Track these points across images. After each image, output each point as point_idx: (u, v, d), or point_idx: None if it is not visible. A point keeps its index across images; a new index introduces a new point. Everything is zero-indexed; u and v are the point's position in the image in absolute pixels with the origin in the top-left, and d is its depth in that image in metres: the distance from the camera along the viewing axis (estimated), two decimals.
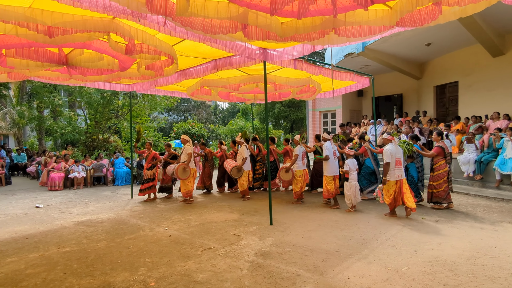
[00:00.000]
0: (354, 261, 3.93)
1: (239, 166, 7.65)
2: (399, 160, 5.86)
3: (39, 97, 15.30)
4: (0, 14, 3.28)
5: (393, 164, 5.80)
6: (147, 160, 8.10)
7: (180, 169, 7.21)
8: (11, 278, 3.59)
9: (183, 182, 7.50)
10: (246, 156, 7.73)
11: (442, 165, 6.41)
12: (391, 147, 5.88)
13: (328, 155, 6.64)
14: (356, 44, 11.70)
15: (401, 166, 5.89)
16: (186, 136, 7.83)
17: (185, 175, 7.33)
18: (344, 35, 3.85)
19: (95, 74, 5.66)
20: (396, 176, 5.81)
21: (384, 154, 5.84)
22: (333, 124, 16.90)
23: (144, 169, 8.07)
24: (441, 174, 6.38)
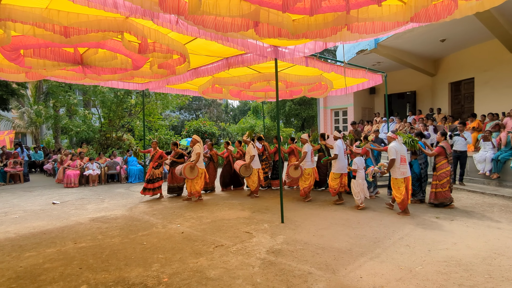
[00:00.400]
0: (367, 260, 3.90)
1: (247, 164, 7.68)
2: (404, 158, 5.98)
3: (55, 96, 15.70)
4: (18, 15, 3.37)
5: (398, 162, 5.92)
6: (153, 159, 8.07)
7: (187, 168, 7.19)
8: (30, 272, 3.70)
9: (191, 182, 7.50)
10: (253, 154, 7.75)
11: (444, 165, 6.48)
12: (395, 144, 6.02)
13: (338, 153, 6.74)
14: (368, 41, 11.55)
15: (406, 164, 6.00)
16: (197, 137, 7.82)
17: (192, 174, 7.30)
18: (356, 31, 3.81)
19: (109, 73, 5.77)
20: (401, 173, 5.94)
21: (389, 151, 5.97)
22: (345, 122, 16.73)
23: (150, 168, 8.04)
24: (444, 174, 6.45)
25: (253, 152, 7.75)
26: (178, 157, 8.31)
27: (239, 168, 7.66)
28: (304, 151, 7.23)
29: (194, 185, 7.51)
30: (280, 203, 5.66)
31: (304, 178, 7.30)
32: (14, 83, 13.76)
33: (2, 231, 5.43)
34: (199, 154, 7.40)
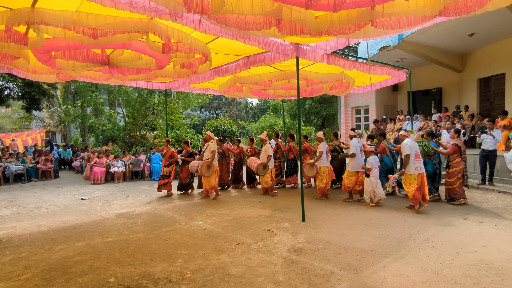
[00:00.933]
0: (391, 261, 3.81)
1: (264, 163, 7.69)
2: (418, 154, 6.06)
3: (82, 96, 16.33)
4: (50, 18, 3.53)
5: (412, 158, 5.98)
6: (165, 158, 8.20)
7: (204, 166, 7.27)
8: (61, 264, 3.88)
9: (206, 179, 7.56)
10: (270, 154, 7.79)
11: (457, 163, 6.54)
12: (409, 141, 6.09)
13: (355, 151, 6.80)
14: (391, 37, 11.22)
15: (419, 159, 6.07)
16: (210, 133, 7.90)
17: (209, 172, 7.38)
18: (381, 27, 3.71)
19: (134, 73, 5.93)
20: (415, 169, 5.98)
21: (403, 147, 6.04)
22: (366, 120, 16.38)
23: (163, 166, 8.22)
24: (456, 172, 6.54)
25: (270, 152, 7.78)
26: (188, 156, 8.39)
27: (257, 166, 7.68)
28: (320, 150, 7.22)
29: (209, 182, 7.58)
30: (301, 202, 5.63)
31: (320, 177, 7.26)
32: (45, 84, 14.43)
33: (36, 224, 5.73)
34: (214, 152, 7.46)
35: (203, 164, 7.27)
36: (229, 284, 3.29)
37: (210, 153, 7.47)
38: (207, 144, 7.66)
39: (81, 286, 3.30)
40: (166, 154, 8.24)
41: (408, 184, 6.06)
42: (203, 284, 3.30)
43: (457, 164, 6.53)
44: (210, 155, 7.45)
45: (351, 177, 6.87)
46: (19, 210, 6.98)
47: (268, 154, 7.74)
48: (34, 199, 8.29)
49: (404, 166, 6.05)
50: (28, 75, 6.24)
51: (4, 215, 6.54)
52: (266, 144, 7.95)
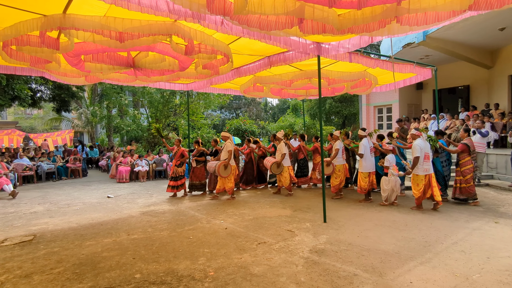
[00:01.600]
0: (416, 264, 3.71)
1: (278, 161, 7.70)
2: (428, 155, 6.10)
3: (108, 98, 16.92)
4: (80, 23, 3.69)
5: (421, 159, 6.02)
6: (175, 157, 8.11)
7: (221, 167, 7.21)
8: (90, 259, 4.05)
9: (223, 180, 7.50)
10: (284, 152, 7.78)
11: (467, 161, 6.53)
12: (420, 142, 6.11)
13: (363, 152, 6.81)
14: (416, 33, 10.88)
15: (429, 161, 6.11)
16: (226, 133, 7.88)
17: (226, 172, 7.32)
18: (407, 23, 3.61)
19: (157, 75, 6.08)
20: (424, 170, 6.04)
21: (414, 148, 6.06)
22: (389, 120, 15.97)
23: (173, 166, 8.12)
24: (468, 170, 6.51)
25: (284, 150, 7.78)
26: (200, 155, 8.31)
27: (270, 165, 7.69)
28: (336, 148, 7.32)
29: (227, 183, 7.52)
30: (323, 203, 5.58)
31: (335, 175, 7.37)
32: (74, 87, 15.06)
33: (66, 221, 6.00)
34: (231, 151, 7.39)
35: (220, 164, 7.22)
36: (251, 283, 3.31)
37: (227, 153, 7.42)
38: (224, 144, 7.62)
39: (109, 281, 3.42)
40: (177, 153, 8.15)
41: (415, 185, 6.13)
42: (225, 282, 3.34)
43: (467, 162, 6.52)
44: (227, 155, 7.41)
45: (366, 179, 6.87)
46: (50, 207, 7.34)
47: (282, 153, 7.75)
48: (64, 196, 8.68)
49: (412, 166, 6.12)
50: (59, 78, 6.54)
51: (37, 211, 6.90)
52: (281, 143, 7.95)
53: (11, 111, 31.99)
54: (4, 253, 4.35)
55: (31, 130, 30.13)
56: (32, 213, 6.74)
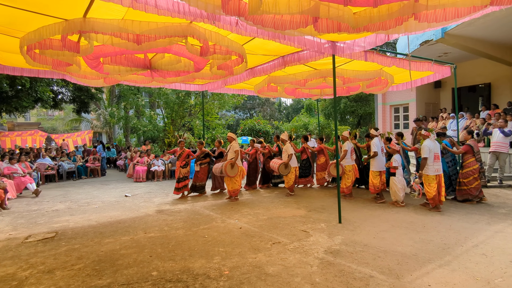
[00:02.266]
0: (435, 267, 3.62)
1: (285, 162, 7.69)
2: (437, 155, 6.10)
3: (125, 99, 17.32)
4: (100, 27, 3.80)
5: (431, 159, 6.04)
6: (180, 158, 8.07)
7: (228, 166, 7.20)
8: (109, 256, 4.16)
9: (231, 181, 7.47)
10: (291, 153, 7.79)
11: (471, 163, 6.56)
12: (429, 142, 6.11)
13: (377, 151, 6.89)
14: (434, 31, 10.60)
15: (439, 161, 6.11)
16: (232, 134, 7.87)
17: (233, 172, 7.31)
18: (425, 20, 3.53)
19: (173, 76, 6.18)
20: (435, 170, 6.05)
21: (423, 149, 6.07)
22: (406, 119, 15.63)
23: (178, 167, 8.06)
24: (471, 172, 6.54)
25: (290, 151, 7.79)
26: (204, 156, 8.29)
27: (278, 167, 7.68)
28: (345, 149, 7.37)
29: (234, 183, 7.48)
30: (338, 203, 5.52)
31: (346, 175, 7.39)
32: (93, 88, 15.49)
33: (86, 219, 6.18)
34: (237, 151, 7.39)
35: (227, 163, 7.21)
36: (266, 283, 3.32)
37: (233, 153, 7.41)
38: (230, 145, 7.61)
39: (127, 278, 3.50)
40: (182, 154, 8.13)
41: (427, 184, 6.12)
42: (240, 281, 3.36)
43: (470, 164, 6.55)
44: (233, 155, 7.40)
45: (377, 177, 6.93)
46: (71, 205, 7.57)
47: (289, 153, 7.76)
48: (84, 195, 8.94)
49: (421, 167, 6.13)
50: (79, 80, 6.75)
51: (59, 209, 7.14)
52: (286, 144, 7.96)
53: (34, 113, 33.24)
54: (28, 249, 4.52)
55: (52, 130, 31.20)
56: (54, 211, 6.98)
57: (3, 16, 3.92)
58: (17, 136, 20.29)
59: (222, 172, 7.31)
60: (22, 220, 6.24)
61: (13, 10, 3.75)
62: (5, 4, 3.62)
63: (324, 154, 9.00)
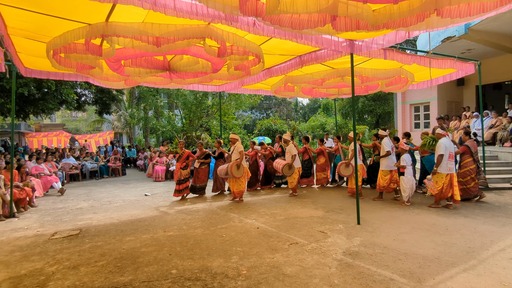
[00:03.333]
0: (459, 271, 3.50)
1: (290, 163, 7.66)
2: (452, 154, 6.14)
3: (145, 100, 17.73)
4: (121, 30, 3.91)
5: (446, 157, 6.06)
6: (180, 160, 7.89)
7: (234, 167, 7.08)
8: (130, 254, 4.27)
9: (236, 182, 7.34)
10: (295, 153, 7.75)
11: (469, 163, 6.73)
12: (445, 140, 6.15)
13: (390, 150, 6.98)
14: (456, 27, 10.25)
15: (453, 160, 6.15)
16: (235, 135, 7.74)
17: (239, 173, 7.20)
18: (448, 16, 3.41)
19: (191, 77, 6.28)
20: (448, 169, 6.08)
21: (438, 146, 6.12)
22: (426, 118, 15.18)
23: (178, 169, 7.84)
24: (468, 171, 6.69)
25: (294, 152, 7.75)
26: (205, 157, 8.17)
27: (282, 168, 7.65)
28: (352, 149, 7.38)
29: (239, 185, 7.36)
30: (356, 204, 5.44)
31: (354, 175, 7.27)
32: (114, 90, 15.94)
33: (108, 217, 6.37)
34: (242, 152, 7.27)
35: (232, 164, 7.09)
36: (284, 283, 3.31)
37: (238, 154, 7.29)
38: (234, 146, 7.49)
39: (148, 275, 3.59)
40: (182, 156, 7.94)
41: (435, 182, 6.22)
42: (258, 281, 3.37)
43: (468, 164, 6.73)
44: (238, 155, 7.28)
45: (386, 176, 7.02)
46: (94, 203, 7.83)
47: (292, 154, 7.72)
48: (106, 194, 9.22)
49: (436, 165, 6.14)
50: (101, 83, 6.97)
51: (82, 207, 7.39)
52: (290, 144, 7.91)
53: (59, 114, 34.58)
54: (54, 245, 4.71)
55: (76, 131, 32.36)
56: (78, 209, 7.24)
57: (32, 22, 4.10)
58: (43, 137, 21.21)
59: (227, 174, 7.19)
60: (49, 217, 6.51)
61: (41, 17, 3.92)
62: (35, 11, 3.79)
63: (324, 155, 9.09)
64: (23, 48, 5.17)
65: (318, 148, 9.13)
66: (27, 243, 4.84)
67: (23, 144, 20.72)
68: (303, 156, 9.16)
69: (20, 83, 10.38)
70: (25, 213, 7.00)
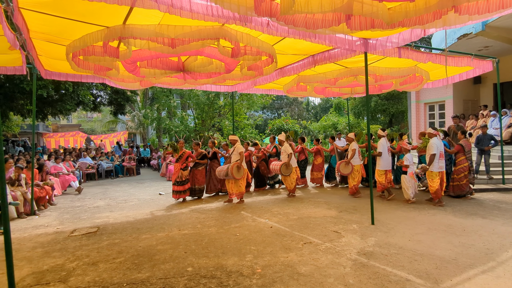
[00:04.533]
0: (477, 273, 3.44)
1: (286, 162, 7.63)
2: (442, 153, 6.49)
3: (158, 101, 17.97)
4: (138, 32, 4.00)
5: (437, 157, 6.40)
6: (180, 160, 7.61)
7: (234, 168, 6.95)
8: (147, 251, 4.36)
9: (236, 183, 7.22)
10: (291, 152, 7.75)
11: (462, 161, 7.08)
12: (436, 140, 6.49)
13: (382, 151, 7.17)
14: (473, 24, 10.00)
15: (443, 159, 6.52)
16: (234, 136, 7.65)
17: (240, 174, 7.07)
18: (466, 13, 3.35)
19: (205, 78, 6.35)
20: (439, 167, 6.45)
21: (432, 146, 6.43)
22: (442, 117, 14.87)
23: (177, 170, 7.57)
24: (462, 169, 7.06)
25: (290, 150, 7.75)
26: (201, 158, 7.95)
27: (279, 168, 7.60)
28: (353, 148, 7.59)
29: (239, 186, 7.25)
30: (371, 204, 5.39)
31: (353, 175, 7.65)
32: (129, 91, 16.24)
33: (124, 215, 6.51)
34: (242, 153, 7.17)
35: (233, 165, 6.97)
36: (299, 282, 3.33)
37: (238, 155, 7.19)
38: (233, 147, 7.39)
39: (164, 272, 3.66)
40: (182, 156, 7.66)
41: (431, 180, 6.56)
42: (273, 280, 3.39)
43: (461, 162, 7.08)
44: (238, 157, 7.17)
45: (383, 175, 7.23)
46: (110, 202, 8.01)
47: (288, 153, 7.71)
48: (122, 192, 9.41)
49: (428, 163, 6.46)
50: (117, 84, 7.13)
51: (99, 206, 7.58)
52: (285, 144, 7.89)
53: (75, 115, 35.44)
54: (74, 242, 4.86)
55: (91, 132, 33.08)
56: (95, 207, 7.42)
57: (53, 26, 4.24)
58: (60, 137, 21.80)
59: (228, 175, 7.03)
60: (68, 215, 6.70)
61: (62, 20, 4.04)
62: (57, 15, 3.91)
63: (320, 155, 9.10)
64: (44, 51, 5.34)
65: (315, 148, 9.11)
66: (48, 240, 5.00)
67: (41, 144, 21.34)
68: (299, 156, 9.26)
69: (39, 85, 10.70)
70: (45, 211, 7.23)
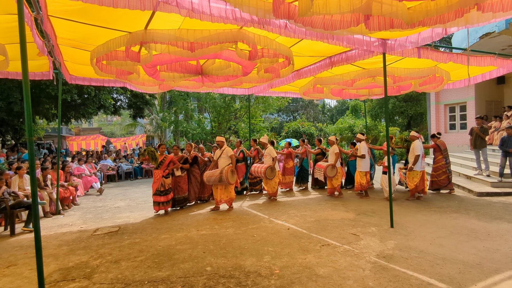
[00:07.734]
0: (504, 278, 3.33)
1: (271, 165, 7.57)
2: (423, 154, 7.25)
3: (176, 104, 18.30)
4: (159, 37, 4.12)
5: (421, 157, 7.09)
6: (162, 167, 6.61)
7: (229, 172, 6.52)
8: (166, 251, 4.44)
9: (226, 189, 6.78)
10: (275, 155, 7.69)
11: (440, 159, 7.96)
12: (419, 143, 7.19)
13: (365, 153, 7.66)
14: (496, 22, 9.69)
15: (424, 159, 7.27)
16: (221, 138, 7.05)
17: (234, 178, 6.68)
18: (490, 10, 3.26)
19: (222, 81, 6.44)
20: (421, 167, 7.17)
21: (417, 148, 7.09)
22: (463, 119, 14.42)
23: (159, 177, 6.61)
24: (440, 167, 7.95)
25: (274, 154, 7.72)
26: (183, 162, 7.20)
27: (264, 171, 7.48)
28: (336, 152, 7.92)
29: (229, 192, 6.81)
30: (390, 207, 5.30)
31: (336, 176, 8.02)
32: (147, 95, 16.62)
33: (144, 215, 6.66)
34: (233, 156, 6.82)
35: (228, 170, 6.50)
36: (317, 284, 3.32)
37: (228, 159, 6.74)
38: (220, 151, 6.86)
39: (184, 271, 3.72)
40: (163, 162, 6.65)
41: (411, 179, 7.25)
42: (291, 281, 3.39)
43: (439, 160, 7.94)
44: (228, 160, 6.73)
45: (364, 177, 7.70)
46: (130, 202, 8.21)
47: (273, 156, 7.66)
48: (141, 194, 9.63)
49: (414, 163, 7.07)
50: (138, 87, 7.33)
51: (120, 206, 7.78)
52: (269, 147, 7.83)
53: (96, 119, 36.58)
54: (97, 241, 5.01)
55: (111, 135, 34.01)
56: (116, 207, 7.63)
57: (79, 32, 4.42)
58: (82, 140, 22.52)
59: (221, 180, 6.51)
60: (90, 215, 6.92)
61: (87, 27, 4.22)
62: (83, 22, 4.09)
63: (292, 159, 9.00)
64: (70, 56, 5.57)
65: (287, 150, 8.95)
66: (73, 238, 5.19)
67: (64, 147, 22.11)
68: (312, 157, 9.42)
69: (64, 89, 11.12)
70: (69, 210, 7.50)
